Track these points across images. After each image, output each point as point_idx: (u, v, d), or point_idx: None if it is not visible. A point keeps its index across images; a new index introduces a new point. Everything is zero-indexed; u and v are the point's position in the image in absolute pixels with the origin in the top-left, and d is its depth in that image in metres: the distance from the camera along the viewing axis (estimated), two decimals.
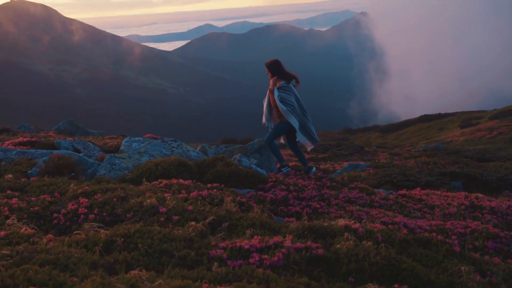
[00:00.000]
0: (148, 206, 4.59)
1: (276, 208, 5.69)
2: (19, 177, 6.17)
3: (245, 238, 3.90)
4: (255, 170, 7.01)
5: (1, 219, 4.27)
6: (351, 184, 7.34)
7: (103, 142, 9.25)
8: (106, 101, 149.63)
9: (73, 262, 3.04)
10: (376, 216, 5.66)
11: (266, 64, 8.05)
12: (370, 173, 9.64)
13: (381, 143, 49.48)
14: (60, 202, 4.96)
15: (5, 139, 9.05)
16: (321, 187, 6.87)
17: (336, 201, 6.20)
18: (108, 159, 6.93)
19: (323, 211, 5.66)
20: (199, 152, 8.10)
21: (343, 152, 16.37)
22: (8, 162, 6.98)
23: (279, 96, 7.69)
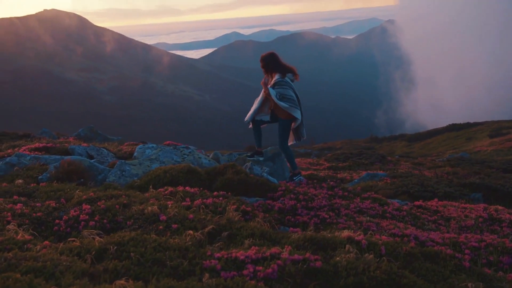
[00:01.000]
0: (149, 213, 4.54)
1: (283, 217, 5.58)
2: (29, 182, 6.22)
3: (242, 249, 3.81)
4: (265, 178, 6.91)
5: (2, 225, 4.29)
6: (364, 194, 7.16)
7: (118, 148, 9.29)
8: (134, 108, 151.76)
9: (60, 270, 3.00)
10: (387, 227, 5.49)
11: (261, 57, 7.72)
12: (387, 182, 9.41)
13: (407, 152, 48.75)
14: (64, 208, 4.95)
15: (22, 145, 9.18)
16: (332, 197, 6.72)
17: (346, 211, 6.04)
18: (119, 165, 6.93)
19: (332, 222, 5.51)
20: (210, 159, 8.04)
21: (364, 161, 16.11)
22: (21, 167, 7.04)
23: (276, 94, 7.37)
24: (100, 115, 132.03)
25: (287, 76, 7.61)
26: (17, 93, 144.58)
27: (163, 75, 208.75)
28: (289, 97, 7.44)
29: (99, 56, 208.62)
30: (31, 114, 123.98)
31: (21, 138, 11.69)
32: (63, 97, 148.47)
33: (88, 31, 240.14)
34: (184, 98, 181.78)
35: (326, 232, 4.63)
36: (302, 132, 7.88)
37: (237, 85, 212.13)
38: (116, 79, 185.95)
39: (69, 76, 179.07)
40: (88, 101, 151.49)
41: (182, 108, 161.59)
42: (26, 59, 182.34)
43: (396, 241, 4.37)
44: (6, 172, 7.02)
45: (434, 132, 61.71)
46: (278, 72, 7.56)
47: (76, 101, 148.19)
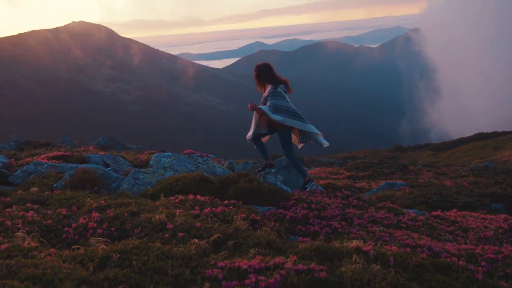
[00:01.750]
0: (156, 222, 4.53)
1: (294, 227, 5.51)
2: (44, 190, 6.30)
3: (247, 258, 3.76)
4: (278, 187, 6.85)
5: (12, 232, 4.34)
6: (379, 204, 7.03)
7: (135, 157, 9.36)
8: (158, 118, 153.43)
9: (59, 278, 3.00)
10: (400, 238, 5.36)
11: (256, 66, 7.62)
12: (405, 192, 9.23)
13: (432, 161, 47.99)
14: (74, 216, 4.99)
15: (41, 153, 9.33)
16: (346, 206, 6.62)
17: (359, 221, 5.94)
18: (133, 173, 6.97)
19: (344, 231, 5.41)
20: (225, 168, 8.03)
21: (384, 170, 15.87)
22: (37, 175, 7.15)
23: (270, 107, 7.24)
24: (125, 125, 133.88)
25: (280, 87, 7.48)
26: (46, 103, 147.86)
27: (187, 85, 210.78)
28: (282, 107, 7.30)
29: (125, 66, 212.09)
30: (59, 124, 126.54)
31: (42, 146, 11.90)
32: (90, 107, 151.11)
33: (115, 42, 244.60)
34: (208, 107, 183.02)
35: (336, 242, 4.55)
36: (309, 136, 7.70)
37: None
38: (141, 89, 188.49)
39: (96, 87, 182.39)
40: (114, 111, 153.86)
41: (205, 117, 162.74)
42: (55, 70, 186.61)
43: (406, 252, 4.26)
44: (23, 180, 7.14)
45: (460, 142, 60.62)
46: (270, 83, 7.46)
47: (102, 111, 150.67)
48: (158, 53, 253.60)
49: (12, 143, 12.27)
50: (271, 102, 7.27)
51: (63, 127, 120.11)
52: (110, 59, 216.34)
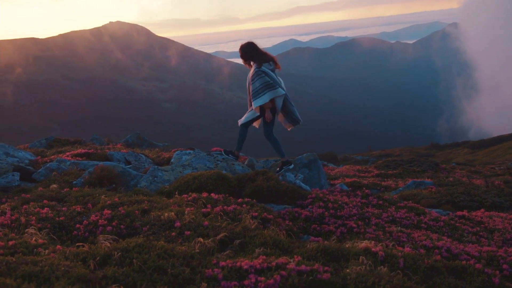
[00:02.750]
0: (165, 220, 4.52)
1: (309, 226, 5.40)
2: (64, 187, 6.39)
3: (251, 258, 3.69)
4: (296, 185, 6.75)
5: (24, 228, 4.41)
6: (400, 203, 6.84)
7: (157, 154, 9.42)
8: (192, 116, 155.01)
9: (56, 275, 3.01)
10: (418, 238, 5.19)
11: (240, 47, 7.62)
12: (431, 191, 8.96)
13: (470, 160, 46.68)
14: (88, 213, 5.03)
15: (67, 151, 9.51)
16: (365, 206, 6.46)
17: (377, 220, 5.78)
18: (151, 171, 7.00)
19: (359, 231, 5.28)
20: (244, 166, 7.98)
21: (415, 168, 15.48)
22: (59, 172, 7.28)
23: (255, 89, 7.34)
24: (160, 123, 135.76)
25: (264, 65, 7.43)
26: (85, 102, 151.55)
27: (222, 83, 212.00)
28: (259, 86, 7.35)
29: (161, 65, 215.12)
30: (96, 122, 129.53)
31: (72, 144, 12.14)
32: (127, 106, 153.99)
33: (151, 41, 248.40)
34: (242, 105, 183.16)
35: (350, 242, 4.43)
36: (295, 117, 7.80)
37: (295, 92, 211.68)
38: (176, 88, 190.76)
39: (132, 86, 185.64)
40: (150, 110, 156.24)
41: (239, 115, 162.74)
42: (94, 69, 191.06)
43: (419, 254, 4.10)
44: (46, 177, 7.28)
45: (500, 139, 58.68)
46: (255, 62, 7.46)
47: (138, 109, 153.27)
48: (193, 52, 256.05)
49: (43, 140, 12.57)
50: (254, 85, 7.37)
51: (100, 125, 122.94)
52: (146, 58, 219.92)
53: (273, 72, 7.54)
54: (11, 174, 7.11)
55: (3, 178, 7.00)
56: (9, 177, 7.02)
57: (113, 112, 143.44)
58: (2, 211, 5.12)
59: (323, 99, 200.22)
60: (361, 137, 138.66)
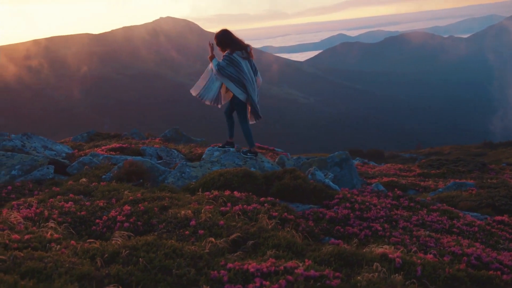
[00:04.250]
0: (181, 217, 4.49)
1: (332, 227, 5.24)
2: (93, 181, 6.50)
3: (261, 260, 3.60)
4: (324, 185, 6.58)
5: (44, 221, 4.48)
6: (433, 206, 6.54)
7: (190, 150, 9.45)
8: None
9: (59, 272, 3.01)
10: (447, 244, 4.93)
11: (215, 35, 7.74)
12: (471, 193, 8.54)
13: None
14: (110, 208, 5.08)
15: (102, 145, 9.70)
16: (394, 207, 6.22)
17: (405, 223, 5.55)
18: (179, 167, 7.02)
19: (384, 234, 5.07)
20: (274, 163, 7.87)
21: (460, 168, 14.87)
22: (91, 166, 7.42)
23: (217, 65, 7.44)
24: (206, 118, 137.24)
25: (237, 53, 7.52)
26: (135, 96, 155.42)
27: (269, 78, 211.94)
28: (227, 72, 7.47)
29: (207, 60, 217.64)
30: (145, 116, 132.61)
31: (112, 138, 12.41)
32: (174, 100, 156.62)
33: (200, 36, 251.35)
34: (289, 100, 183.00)
35: (369, 247, 4.26)
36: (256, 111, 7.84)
37: (343, 87, 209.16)
38: None
39: (180, 80, 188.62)
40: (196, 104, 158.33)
41: (286, 110, 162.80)
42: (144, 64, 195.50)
43: (441, 262, 3.89)
44: (78, 171, 7.44)
45: None
46: (229, 48, 7.57)
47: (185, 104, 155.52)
48: None
49: (84, 134, 12.92)
50: (220, 62, 7.51)
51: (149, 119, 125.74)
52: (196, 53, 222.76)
53: (246, 60, 7.67)
54: (46, 167, 7.31)
55: (38, 170, 7.20)
56: (44, 170, 7.22)
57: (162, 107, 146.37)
58: (29, 203, 5.26)
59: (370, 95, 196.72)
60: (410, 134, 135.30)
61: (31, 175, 7.10)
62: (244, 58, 7.59)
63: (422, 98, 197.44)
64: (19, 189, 6.43)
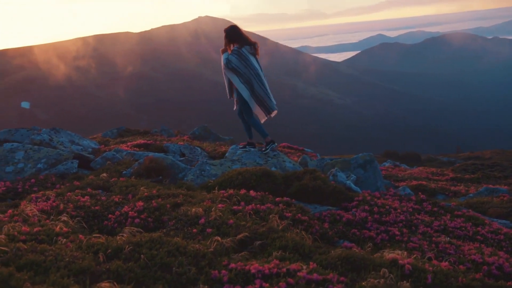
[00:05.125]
0: (192, 215, 4.46)
1: (348, 230, 5.11)
2: (113, 176, 6.56)
3: (265, 261, 3.52)
4: (344, 187, 6.44)
5: (58, 214, 4.53)
6: (458, 211, 6.29)
7: (214, 148, 9.45)
8: None
9: (58, 266, 3.02)
10: (467, 252, 4.73)
11: (225, 30, 7.95)
12: (503, 200, 8.20)
13: None
14: (124, 204, 5.10)
15: (128, 141, 9.81)
16: (416, 212, 6.03)
17: (425, 229, 5.36)
18: (199, 165, 7.01)
19: (401, 239, 4.91)
20: (295, 163, 7.76)
21: (496, 174, 14.35)
22: (114, 161, 7.50)
23: (226, 59, 7.55)
24: None
25: (246, 48, 7.70)
26: (172, 93, 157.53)
27: (305, 78, 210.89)
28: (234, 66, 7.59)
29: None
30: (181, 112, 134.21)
31: (140, 134, 12.56)
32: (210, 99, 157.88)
33: None
34: (325, 101, 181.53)
35: (383, 251, 4.12)
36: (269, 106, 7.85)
37: (381, 89, 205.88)
38: None
39: (217, 79, 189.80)
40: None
41: (322, 111, 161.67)
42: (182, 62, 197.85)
43: (455, 270, 3.72)
44: (101, 166, 7.54)
45: None
46: (237, 43, 7.76)
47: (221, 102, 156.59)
48: (278, 46, 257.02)
49: (114, 130, 13.12)
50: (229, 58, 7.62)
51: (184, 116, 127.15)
52: None
53: (253, 56, 7.82)
54: (70, 161, 7.44)
55: (62, 165, 7.34)
56: (68, 164, 7.35)
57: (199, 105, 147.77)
58: (47, 197, 5.35)
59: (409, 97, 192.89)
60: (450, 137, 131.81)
61: (55, 168, 7.24)
62: (251, 53, 7.77)
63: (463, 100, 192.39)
64: (42, 182, 6.56)
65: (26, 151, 7.58)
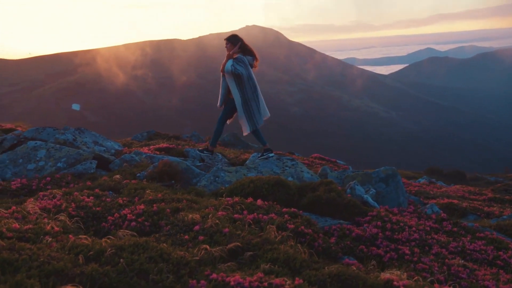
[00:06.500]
0: (188, 221, 4.34)
1: (356, 246, 4.87)
2: (127, 178, 6.55)
3: (249, 274, 3.35)
4: (359, 201, 6.18)
5: (57, 213, 4.51)
6: (480, 233, 5.90)
7: (236, 155, 9.33)
8: (317, 121, 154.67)
9: (30, 266, 2.95)
10: (481, 277, 4.39)
11: (227, 38, 8.21)
12: None
13: None
14: (128, 206, 5.04)
15: (151, 144, 9.84)
16: (434, 231, 5.69)
17: (439, 250, 5.03)
18: (214, 171, 6.90)
19: (411, 259, 4.62)
20: (313, 174, 7.53)
21: None
22: (131, 164, 7.50)
23: (232, 65, 7.69)
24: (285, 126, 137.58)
25: (247, 57, 7.98)
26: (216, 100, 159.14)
27: (350, 90, 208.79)
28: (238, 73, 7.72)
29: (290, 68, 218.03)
30: None
31: (170, 138, 12.62)
32: None
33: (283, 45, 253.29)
34: (369, 114, 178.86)
35: (388, 271, 3.87)
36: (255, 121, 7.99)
37: (428, 103, 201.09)
38: (304, 92, 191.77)
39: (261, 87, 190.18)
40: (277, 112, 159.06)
41: (366, 123, 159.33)
42: None
43: None
44: (119, 167, 7.56)
45: None
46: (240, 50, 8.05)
47: None
48: (324, 57, 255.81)
49: (144, 133, 13.25)
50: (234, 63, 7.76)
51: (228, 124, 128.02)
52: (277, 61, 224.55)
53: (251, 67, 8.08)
54: (89, 161, 7.49)
55: (81, 164, 7.40)
56: (86, 164, 7.40)
57: None
58: (53, 195, 5.36)
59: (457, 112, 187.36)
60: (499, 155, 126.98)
61: (74, 168, 7.30)
62: (251, 65, 8.04)
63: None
64: (57, 181, 6.62)
65: (48, 149, 7.69)
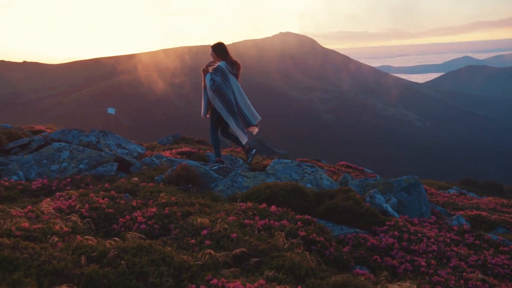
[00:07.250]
0: (197, 225, 4.30)
1: (371, 256, 4.74)
2: (144, 181, 6.58)
3: (251, 280, 3.28)
4: (378, 210, 6.02)
5: (70, 214, 4.55)
6: (504, 247, 5.65)
7: (258, 161, 9.27)
8: (350, 129, 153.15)
9: (30, 265, 2.96)
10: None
11: (213, 45, 8.15)
12: None
13: None
14: (141, 209, 5.05)
15: (174, 148, 9.89)
16: (454, 243, 5.48)
17: (458, 262, 4.84)
18: (232, 176, 6.87)
19: (426, 271, 4.46)
20: (333, 181, 7.39)
21: None
22: (151, 167, 7.54)
23: (211, 80, 7.58)
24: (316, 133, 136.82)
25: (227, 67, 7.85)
26: None
27: (384, 98, 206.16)
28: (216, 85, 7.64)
29: (324, 76, 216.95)
30: None
31: (194, 143, 12.67)
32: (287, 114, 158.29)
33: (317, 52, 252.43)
34: (403, 122, 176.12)
35: (401, 283, 3.73)
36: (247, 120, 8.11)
37: (464, 113, 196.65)
38: (338, 99, 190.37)
39: (294, 94, 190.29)
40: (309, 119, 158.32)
41: (399, 132, 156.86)
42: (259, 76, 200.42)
43: None
44: (139, 170, 7.61)
45: None
46: (222, 60, 7.92)
47: (297, 118, 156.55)
48: (358, 64, 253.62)
49: (170, 137, 13.35)
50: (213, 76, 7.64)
51: None
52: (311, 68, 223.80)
53: (234, 76, 7.97)
54: (110, 164, 7.57)
55: (102, 166, 7.49)
56: (108, 167, 7.49)
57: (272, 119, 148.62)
58: (69, 196, 5.43)
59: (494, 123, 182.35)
60: None
61: (95, 170, 7.40)
62: (232, 73, 7.96)
63: None
64: (77, 182, 6.71)
65: (71, 151, 7.82)
